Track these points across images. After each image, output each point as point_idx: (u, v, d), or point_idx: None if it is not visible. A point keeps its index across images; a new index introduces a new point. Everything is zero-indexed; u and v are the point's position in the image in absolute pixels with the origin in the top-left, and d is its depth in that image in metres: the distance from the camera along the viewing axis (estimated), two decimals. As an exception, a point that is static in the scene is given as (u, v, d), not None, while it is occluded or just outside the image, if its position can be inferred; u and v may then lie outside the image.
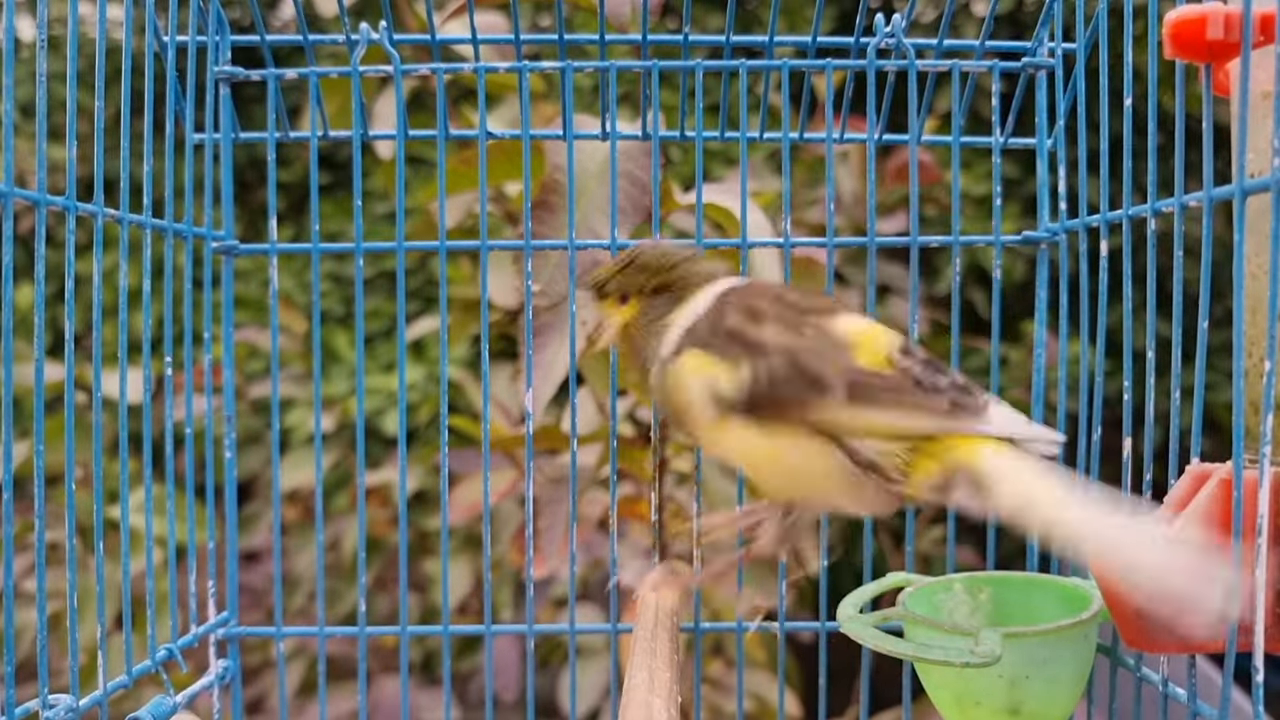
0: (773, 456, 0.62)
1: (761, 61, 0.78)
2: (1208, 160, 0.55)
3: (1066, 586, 0.69)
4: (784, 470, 0.63)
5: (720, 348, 0.63)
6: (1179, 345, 0.60)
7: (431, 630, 0.82)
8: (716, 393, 0.62)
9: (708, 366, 0.63)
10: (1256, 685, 0.50)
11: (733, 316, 0.64)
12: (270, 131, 0.80)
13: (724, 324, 0.64)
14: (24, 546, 1.25)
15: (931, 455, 0.57)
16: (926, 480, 0.57)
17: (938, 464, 0.57)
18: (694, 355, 0.64)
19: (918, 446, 0.58)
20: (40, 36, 0.55)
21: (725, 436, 0.63)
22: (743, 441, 0.63)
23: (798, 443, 0.61)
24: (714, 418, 0.63)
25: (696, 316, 0.66)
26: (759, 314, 0.64)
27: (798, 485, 0.63)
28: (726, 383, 0.62)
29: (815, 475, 0.61)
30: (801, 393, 0.60)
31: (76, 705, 0.59)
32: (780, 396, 0.61)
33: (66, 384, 0.59)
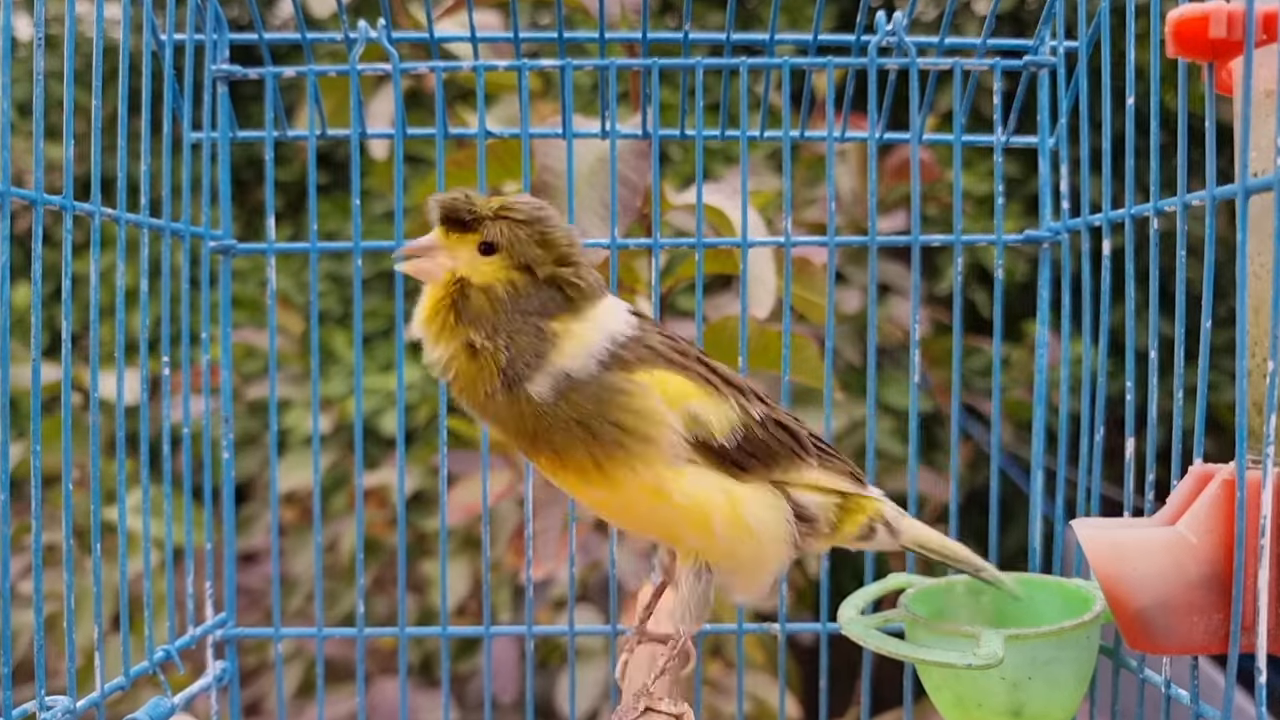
0: (735, 513, 0.56)
1: (762, 59, 0.78)
2: (1210, 159, 0.55)
3: (1069, 587, 0.69)
4: (738, 524, 0.56)
5: (698, 374, 0.56)
6: (1182, 345, 0.60)
7: (430, 631, 0.82)
8: (699, 430, 0.54)
9: (693, 395, 0.55)
10: (1259, 686, 0.49)
11: (685, 344, 0.57)
12: (268, 130, 0.80)
13: (684, 349, 0.56)
14: (21, 548, 1.25)
15: (857, 510, 0.63)
16: (854, 531, 0.63)
17: (864, 516, 0.63)
18: (666, 376, 0.54)
19: (842, 505, 0.62)
20: (38, 35, 0.54)
21: (681, 484, 0.54)
22: (704, 492, 0.55)
23: (763, 496, 0.57)
24: (677, 458, 0.54)
25: (622, 331, 0.55)
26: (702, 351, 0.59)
27: (744, 539, 0.57)
28: (717, 421, 0.55)
29: (767, 529, 0.57)
30: (787, 449, 0.58)
31: (74, 707, 0.58)
32: (769, 452, 0.57)
33: (63, 385, 0.58)
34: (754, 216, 0.97)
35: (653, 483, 0.54)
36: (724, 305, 1.22)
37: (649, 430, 0.53)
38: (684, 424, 0.54)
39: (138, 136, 0.67)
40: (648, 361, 0.54)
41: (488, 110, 0.83)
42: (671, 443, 0.53)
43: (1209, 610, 0.53)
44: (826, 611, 0.79)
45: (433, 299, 0.56)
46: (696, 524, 0.55)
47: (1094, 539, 0.55)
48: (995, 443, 0.82)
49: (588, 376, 0.53)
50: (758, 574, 0.59)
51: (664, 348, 0.55)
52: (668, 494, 0.54)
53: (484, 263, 0.55)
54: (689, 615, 0.58)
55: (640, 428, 0.53)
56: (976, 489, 1.47)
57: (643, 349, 0.55)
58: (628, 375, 0.53)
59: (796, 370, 0.88)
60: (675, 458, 0.54)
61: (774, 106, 1.01)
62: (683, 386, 0.54)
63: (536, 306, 0.54)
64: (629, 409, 0.53)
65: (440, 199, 0.55)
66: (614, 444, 0.53)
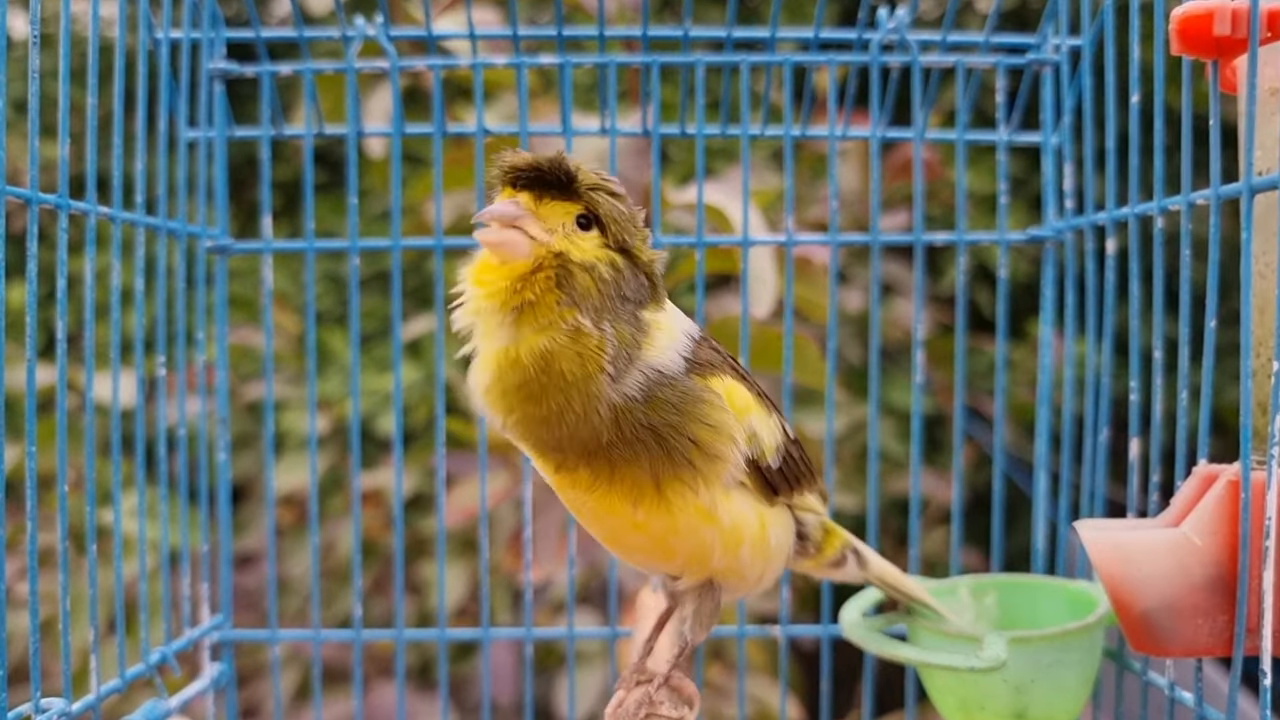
0: (764, 534, 0.53)
1: (763, 56, 0.78)
2: (1215, 158, 0.55)
3: (1072, 590, 0.68)
4: (763, 547, 0.54)
5: (759, 393, 0.52)
6: (1186, 345, 0.59)
7: (428, 635, 0.81)
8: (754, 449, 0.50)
9: (753, 409, 0.50)
10: (1264, 689, 0.49)
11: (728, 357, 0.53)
12: (265, 128, 0.80)
13: (736, 362, 0.53)
14: (17, 550, 1.24)
15: (836, 535, 0.62)
16: (833, 554, 0.62)
17: (840, 544, 0.62)
18: (736, 387, 0.50)
19: (824, 526, 0.61)
20: (34, 33, 0.54)
21: (731, 506, 0.51)
22: (745, 516, 0.52)
23: (780, 517, 0.56)
24: (733, 479, 0.50)
25: (693, 333, 0.50)
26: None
27: (762, 560, 0.55)
28: (769, 440, 0.51)
29: (782, 550, 0.57)
30: (807, 471, 0.57)
31: (69, 709, 0.58)
32: (796, 475, 0.55)
33: (59, 386, 0.58)
34: (754, 215, 0.97)
35: (707, 506, 0.49)
36: (723, 304, 1.21)
37: (721, 447, 0.48)
38: (746, 441, 0.49)
39: (133, 135, 0.67)
40: (717, 367, 0.49)
41: (486, 108, 0.83)
42: (736, 463, 0.49)
43: (1214, 612, 0.53)
44: (828, 614, 0.79)
45: (513, 274, 0.46)
46: (729, 548, 0.52)
47: (1098, 540, 0.55)
48: (999, 444, 0.82)
49: (676, 375, 0.47)
50: (757, 588, 0.58)
51: (722, 352, 0.51)
52: (716, 518, 0.49)
53: (583, 238, 0.47)
54: (699, 627, 0.56)
55: (714, 444, 0.48)
56: (980, 490, 1.46)
57: (710, 351, 0.50)
58: (704, 381, 0.48)
59: (798, 370, 0.88)
60: (732, 479, 0.49)
61: (775, 104, 1.00)
62: (746, 399, 0.49)
63: (633, 293, 0.47)
64: (707, 421, 0.47)
65: (526, 157, 0.47)
66: (684, 462, 0.47)
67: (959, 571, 0.77)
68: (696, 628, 0.56)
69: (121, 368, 0.68)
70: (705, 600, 0.55)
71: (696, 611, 0.56)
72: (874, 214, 0.78)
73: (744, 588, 0.57)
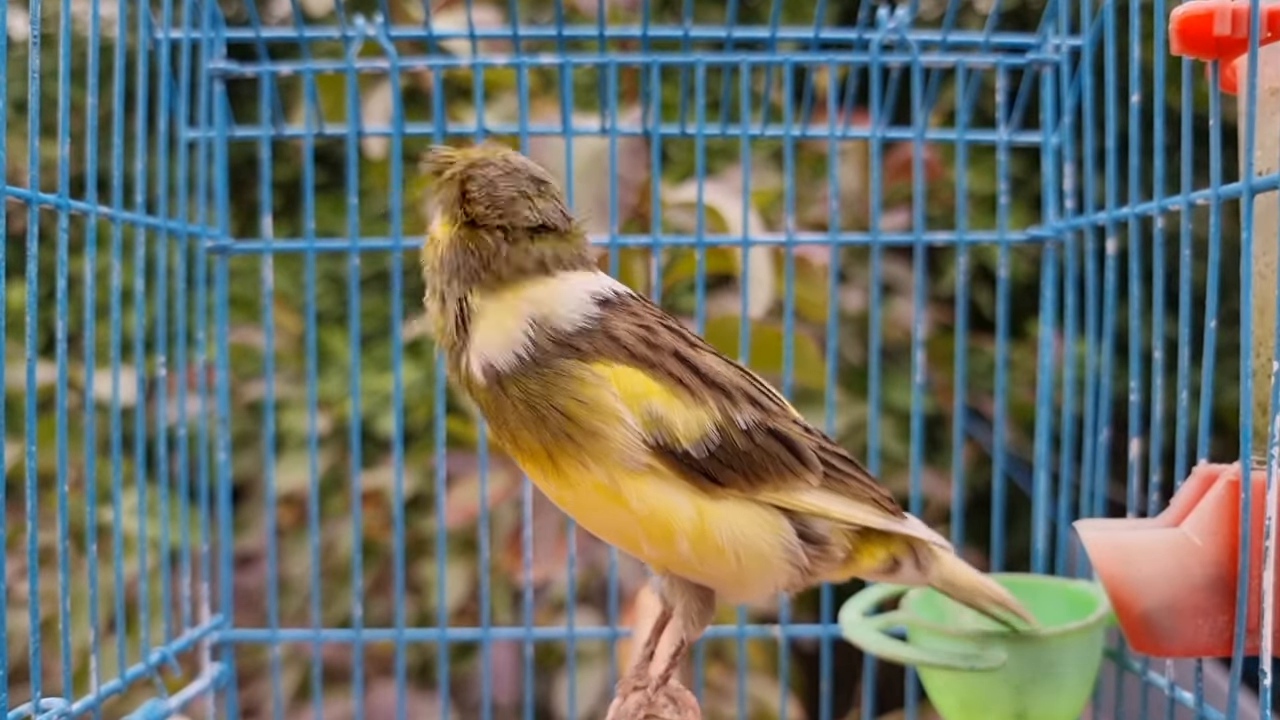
0: (705, 530, 0.50)
1: (763, 56, 0.78)
2: (1215, 158, 0.55)
3: (1072, 590, 0.68)
4: (707, 543, 0.50)
5: (669, 373, 0.49)
6: (1186, 345, 0.59)
7: (428, 635, 0.81)
8: (660, 433, 0.48)
9: (655, 393, 0.49)
10: (1264, 689, 0.49)
11: (665, 334, 0.50)
12: (264, 128, 0.80)
13: (663, 340, 0.50)
14: (16, 549, 1.24)
15: (881, 545, 0.57)
16: (874, 563, 0.57)
17: (886, 554, 0.57)
18: (626, 371, 0.49)
19: (861, 532, 0.55)
20: (34, 33, 0.54)
21: (641, 491, 0.49)
22: (667, 504, 0.49)
23: (745, 512, 0.51)
24: (637, 465, 0.48)
25: (593, 310, 0.50)
26: (695, 342, 0.52)
27: (716, 560, 0.51)
28: (683, 426, 0.49)
29: (749, 550, 0.51)
30: (779, 466, 0.51)
31: (69, 709, 0.58)
32: (753, 465, 0.50)
33: (59, 385, 0.58)
34: (752, 215, 0.97)
35: (605, 483, 0.49)
36: (721, 304, 1.21)
37: (598, 423, 0.48)
38: (642, 424, 0.48)
39: (133, 135, 0.67)
40: (606, 354, 0.49)
41: (486, 108, 0.82)
42: (625, 442, 0.48)
43: (1214, 612, 0.53)
44: (828, 614, 0.79)
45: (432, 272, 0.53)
46: (656, 537, 0.50)
47: (1098, 541, 0.55)
48: (999, 444, 0.82)
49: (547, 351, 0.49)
50: (743, 593, 0.54)
51: (631, 338, 0.49)
52: (624, 499, 0.49)
53: (441, 221, 0.51)
54: (689, 624, 0.55)
55: (589, 420, 0.48)
56: (980, 490, 1.46)
57: (604, 339, 0.49)
58: (583, 363, 0.48)
59: (797, 370, 0.88)
60: (630, 460, 0.48)
61: (775, 104, 1.00)
62: (645, 384, 0.48)
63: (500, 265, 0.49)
64: (577, 396, 0.48)
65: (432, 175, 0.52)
66: (562, 435, 0.48)
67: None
68: (688, 624, 0.55)
69: (121, 367, 0.68)
70: (691, 598, 0.54)
71: (685, 609, 0.55)
72: (874, 214, 0.78)
73: (725, 593, 0.54)
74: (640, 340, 0.49)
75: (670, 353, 0.50)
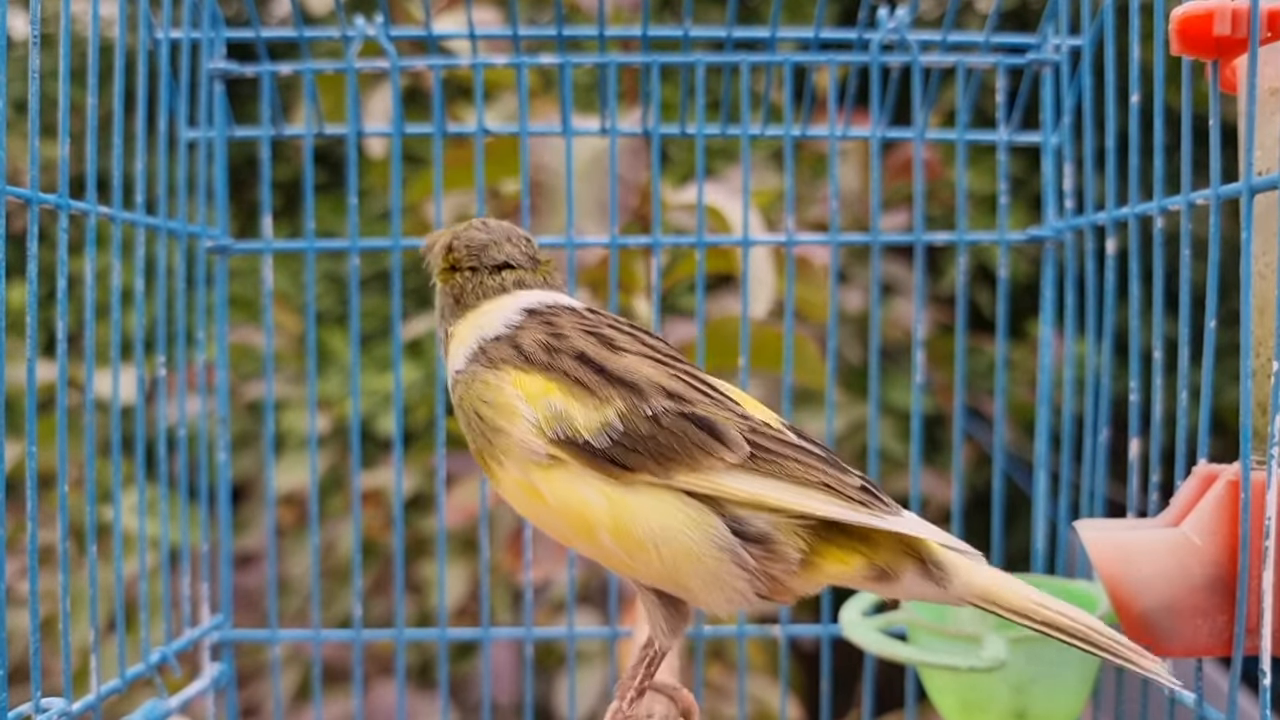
0: (620, 521, 0.49)
1: (763, 56, 0.78)
2: (1215, 158, 0.55)
3: (1073, 589, 0.68)
4: (627, 537, 0.49)
5: (568, 373, 0.52)
6: (1186, 345, 0.60)
7: (428, 634, 0.81)
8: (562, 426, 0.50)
9: (553, 392, 0.51)
10: (1264, 689, 0.49)
11: (580, 338, 0.53)
12: (265, 128, 0.80)
13: (569, 344, 0.53)
14: (16, 549, 1.24)
15: (854, 549, 0.51)
16: (845, 570, 0.51)
17: (864, 560, 0.51)
18: (523, 374, 0.52)
19: (826, 534, 0.50)
20: (34, 33, 0.54)
21: (552, 484, 0.50)
22: (578, 495, 0.50)
23: (661, 503, 0.49)
24: (540, 456, 0.50)
25: (497, 329, 0.54)
26: (612, 342, 0.53)
27: (641, 554, 0.50)
28: (582, 418, 0.50)
29: (672, 544, 0.49)
30: (688, 446, 0.49)
31: (70, 709, 0.58)
32: (660, 447, 0.49)
33: (59, 385, 0.58)
34: (753, 215, 0.97)
35: (520, 478, 0.51)
36: (722, 304, 1.21)
37: (501, 421, 0.51)
38: (543, 419, 0.50)
39: (133, 135, 0.67)
40: (508, 362, 0.53)
41: (486, 108, 0.83)
42: (526, 436, 0.50)
43: (1213, 612, 0.53)
44: (828, 614, 0.79)
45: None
46: (578, 531, 0.51)
47: (1098, 540, 0.55)
48: (998, 444, 0.82)
49: (467, 364, 0.54)
50: (693, 597, 0.51)
51: (532, 345, 0.53)
52: (539, 493, 0.51)
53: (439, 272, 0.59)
54: (658, 632, 0.54)
55: (494, 419, 0.51)
56: (979, 490, 1.46)
57: (508, 349, 0.53)
58: (493, 369, 0.53)
59: (798, 370, 0.88)
60: (535, 453, 0.50)
61: (775, 104, 1.00)
62: (542, 386, 0.51)
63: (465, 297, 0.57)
64: (484, 399, 0.52)
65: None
66: (479, 434, 0.52)
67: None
68: (656, 632, 0.54)
69: (121, 367, 0.68)
70: (654, 605, 0.53)
71: (651, 617, 0.54)
72: (874, 214, 0.78)
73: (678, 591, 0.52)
74: (540, 346, 0.53)
75: (573, 356, 0.52)
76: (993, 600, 0.52)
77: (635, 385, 0.51)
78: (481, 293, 0.57)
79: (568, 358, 0.52)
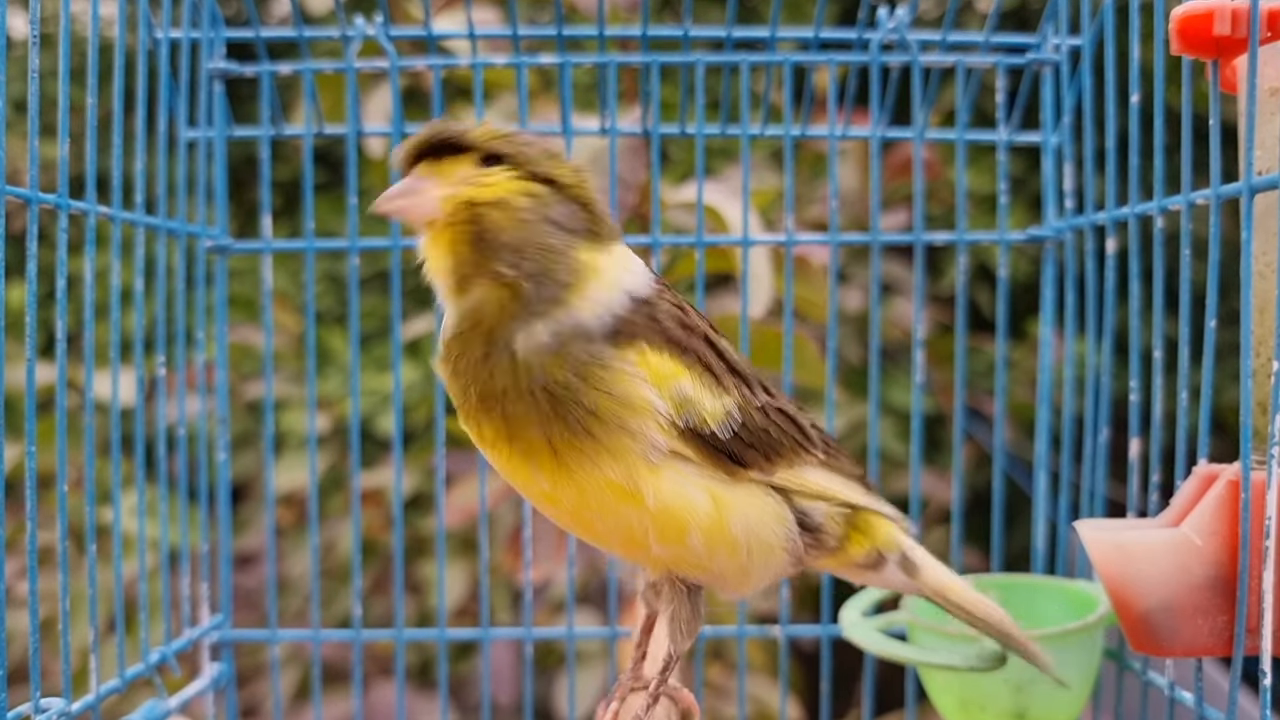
0: (719, 521, 0.47)
1: (763, 56, 0.78)
2: (1215, 158, 0.55)
3: (1073, 590, 0.68)
4: (722, 535, 0.48)
5: (700, 357, 0.47)
6: (1186, 345, 0.60)
7: (428, 634, 0.81)
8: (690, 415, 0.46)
9: (683, 375, 0.46)
10: (1264, 689, 0.49)
11: (695, 316, 0.49)
12: (264, 128, 0.80)
13: (692, 322, 0.48)
14: (16, 549, 1.24)
15: (862, 531, 0.55)
16: (860, 554, 0.55)
17: (870, 541, 0.55)
18: (655, 354, 0.46)
19: (849, 519, 0.54)
20: (33, 33, 0.54)
21: (654, 481, 0.46)
22: (684, 496, 0.46)
23: (756, 499, 0.49)
24: (660, 454, 0.46)
25: (638, 290, 0.47)
26: (713, 324, 0.50)
27: (727, 553, 0.48)
28: (710, 406, 0.47)
29: (758, 541, 0.49)
30: (790, 439, 0.50)
31: (69, 709, 0.58)
32: (770, 441, 0.49)
33: (58, 385, 0.58)
34: (752, 215, 0.97)
35: (621, 481, 0.45)
36: (722, 304, 1.21)
37: (628, 419, 0.44)
38: (673, 407, 0.45)
39: (133, 135, 0.67)
40: (643, 334, 0.46)
41: (486, 107, 0.82)
42: (653, 436, 0.45)
43: (1214, 612, 0.53)
44: (828, 614, 0.79)
45: (440, 243, 0.46)
46: (667, 534, 0.47)
47: (1098, 540, 0.55)
48: (998, 443, 0.82)
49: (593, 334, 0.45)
50: (741, 586, 0.51)
51: (668, 319, 0.47)
52: (639, 497, 0.45)
53: (490, 175, 0.45)
54: (678, 634, 0.52)
55: (618, 415, 0.44)
56: (979, 490, 1.46)
57: (647, 318, 0.46)
58: (617, 349, 0.45)
59: (797, 370, 0.88)
60: (656, 451, 0.45)
61: (775, 104, 1.00)
62: (673, 367, 0.45)
63: (567, 220, 0.45)
64: (608, 389, 0.44)
65: (416, 136, 0.46)
66: (581, 430, 0.44)
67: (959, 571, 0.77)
68: (676, 635, 0.52)
69: (121, 367, 0.68)
70: (681, 604, 0.51)
71: (674, 617, 0.52)
72: (874, 214, 0.78)
73: (727, 587, 0.51)
74: (677, 320, 0.47)
75: (701, 335, 0.48)
76: (943, 593, 0.58)
77: (745, 375, 0.49)
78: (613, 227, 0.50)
79: (699, 339, 0.47)
